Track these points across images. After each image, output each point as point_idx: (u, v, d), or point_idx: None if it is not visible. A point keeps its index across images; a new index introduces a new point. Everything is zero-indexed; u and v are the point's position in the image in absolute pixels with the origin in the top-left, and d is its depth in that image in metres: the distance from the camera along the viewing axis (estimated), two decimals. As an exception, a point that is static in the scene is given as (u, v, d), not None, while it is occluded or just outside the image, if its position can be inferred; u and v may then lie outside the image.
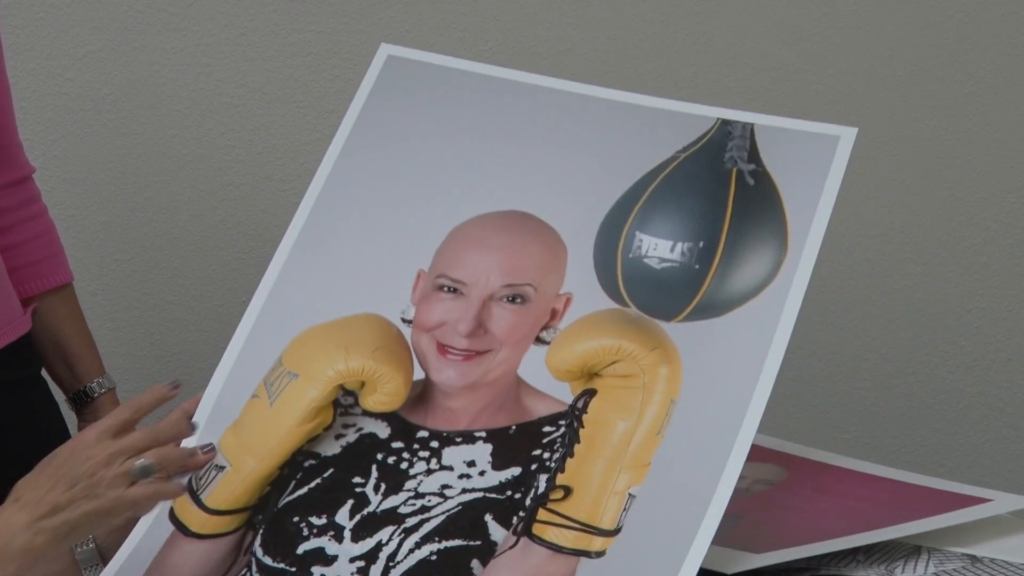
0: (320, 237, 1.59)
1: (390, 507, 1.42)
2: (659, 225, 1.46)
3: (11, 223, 1.86)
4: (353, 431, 1.48)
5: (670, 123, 1.51)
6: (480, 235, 1.51)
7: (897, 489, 1.61)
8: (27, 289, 1.86)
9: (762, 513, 1.57)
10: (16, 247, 1.86)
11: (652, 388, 1.39)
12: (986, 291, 2.66)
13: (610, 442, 1.39)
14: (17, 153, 1.86)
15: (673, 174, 1.48)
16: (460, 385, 1.46)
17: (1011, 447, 2.71)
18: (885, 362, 2.67)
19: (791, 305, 1.40)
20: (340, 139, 1.62)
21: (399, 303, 1.51)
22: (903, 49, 2.54)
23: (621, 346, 1.41)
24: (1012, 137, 2.60)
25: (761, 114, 1.47)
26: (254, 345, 1.55)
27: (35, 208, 1.89)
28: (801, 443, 1.74)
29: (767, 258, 1.42)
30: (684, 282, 1.43)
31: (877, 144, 2.58)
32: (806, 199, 1.43)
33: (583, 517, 1.36)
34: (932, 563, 1.49)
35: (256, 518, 1.46)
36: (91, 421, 1.91)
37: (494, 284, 1.47)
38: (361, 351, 1.48)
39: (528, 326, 1.46)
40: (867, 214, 2.61)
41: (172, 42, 2.42)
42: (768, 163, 1.46)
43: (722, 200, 1.45)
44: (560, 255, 1.49)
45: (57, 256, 1.91)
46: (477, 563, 1.37)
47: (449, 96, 1.61)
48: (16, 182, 1.86)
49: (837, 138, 1.45)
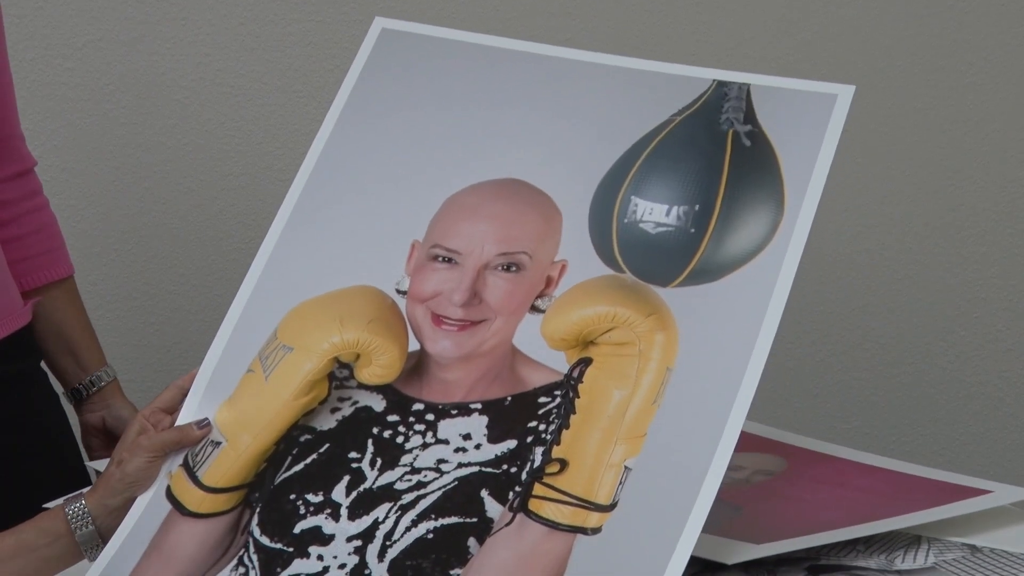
0: (315, 210, 1.58)
1: (386, 483, 1.42)
2: (654, 189, 1.45)
3: (13, 216, 1.86)
4: (349, 404, 1.48)
5: (665, 86, 1.51)
6: (474, 204, 1.51)
7: (897, 480, 1.61)
8: (29, 282, 1.87)
9: (762, 504, 1.56)
10: (18, 240, 1.86)
11: (648, 356, 1.38)
12: (986, 281, 2.65)
13: (606, 412, 1.38)
14: (19, 146, 1.87)
15: (668, 137, 1.47)
16: (455, 356, 1.46)
17: (1011, 437, 2.71)
18: (885, 353, 2.66)
19: (788, 268, 1.38)
20: (335, 112, 1.62)
21: (394, 274, 1.51)
22: (904, 14, 2.54)
23: (616, 313, 1.40)
24: (1012, 126, 2.60)
25: (757, 74, 1.46)
26: (249, 319, 1.54)
27: (37, 201, 1.90)
28: (801, 434, 1.74)
29: (763, 220, 1.41)
30: (680, 246, 1.42)
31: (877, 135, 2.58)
32: (803, 159, 1.42)
33: (579, 491, 1.35)
34: (932, 553, 1.49)
35: (253, 496, 1.46)
36: (95, 412, 1.91)
37: (488, 253, 1.46)
38: (356, 323, 1.47)
39: (523, 295, 1.45)
40: (866, 204, 2.61)
41: (172, 32, 2.42)
42: (765, 124, 1.45)
43: (718, 163, 1.44)
44: (555, 222, 1.48)
45: (58, 249, 1.92)
46: (474, 541, 1.36)
47: (441, 66, 1.61)
48: (18, 175, 1.87)
49: (834, 96, 1.44)
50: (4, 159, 1.84)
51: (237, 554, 1.44)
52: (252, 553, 1.42)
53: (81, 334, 1.92)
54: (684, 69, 1.50)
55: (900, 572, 1.47)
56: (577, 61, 1.56)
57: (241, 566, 1.42)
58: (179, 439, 1.48)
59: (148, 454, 1.47)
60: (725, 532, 1.45)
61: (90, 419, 1.92)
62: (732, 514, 1.53)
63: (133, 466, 1.47)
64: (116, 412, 1.91)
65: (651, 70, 1.52)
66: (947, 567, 1.47)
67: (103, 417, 1.90)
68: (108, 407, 1.91)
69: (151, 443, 1.48)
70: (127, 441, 1.49)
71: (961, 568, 1.47)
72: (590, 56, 1.56)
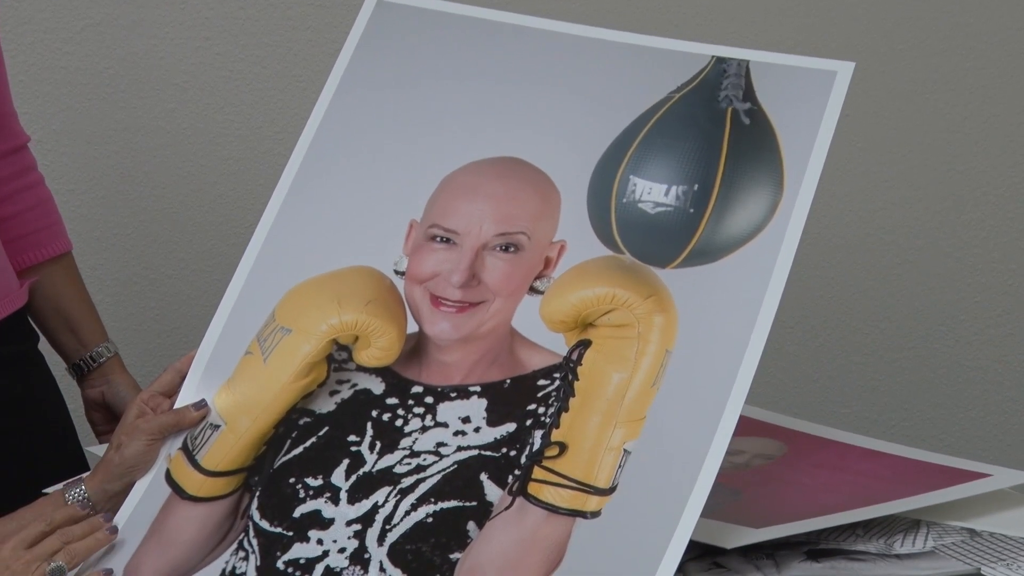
0: (311, 190, 1.57)
1: (385, 467, 1.41)
2: (653, 168, 1.44)
3: (8, 193, 1.85)
4: (347, 387, 1.47)
5: (663, 62, 1.49)
6: (472, 183, 1.50)
7: (897, 464, 1.61)
8: (27, 259, 1.86)
9: (761, 488, 1.56)
10: (14, 217, 1.85)
11: (647, 338, 1.38)
12: (986, 265, 2.65)
13: (605, 395, 1.37)
14: (12, 123, 1.86)
15: (667, 116, 1.46)
16: (454, 338, 1.45)
17: (1011, 421, 2.70)
18: (885, 337, 2.66)
19: (787, 248, 1.37)
20: (330, 88, 1.61)
21: (391, 255, 1.50)
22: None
23: (615, 294, 1.39)
24: (1013, 111, 2.60)
25: (757, 50, 1.45)
26: (247, 301, 1.54)
27: (32, 177, 1.89)
28: (801, 418, 1.74)
29: (763, 200, 1.40)
30: (679, 227, 1.41)
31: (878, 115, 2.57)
32: (803, 137, 1.41)
33: (579, 475, 1.35)
34: (931, 537, 1.49)
35: (252, 480, 1.45)
36: (95, 387, 1.91)
37: (487, 233, 1.45)
38: (354, 304, 1.47)
39: (522, 276, 1.45)
40: (867, 190, 2.60)
41: (171, 15, 2.42)
42: (764, 101, 1.44)
43: (717, 141, 1.43)
44: (553, 202, 1.47)
45: (55, 225, 1.90)
46: (473, 525, 1.36)
47: (438, 40, 1.60)
48: (11, 151, 1.85)
49: (834, 73, 1.43)
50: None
51: (237, 538, 1.44)
52: (252, 537, 1.42)
53: (80, 310, 1.92)
54: (683, 45, 1.49)
55: (899, 556, 1.47)
56: (575, 36, 1.55)
57: (241, 550, 1.42)
58: (177, 421, 1.48)
59: (147, 437, 1.47)
60: (724, 516, 1.45)
61: (91, 394, 1.91)
62: (731, 498, 1.52)
63: (132, 450, 1.47)
64: (115, 388, 1.90)
65: (650, 46, 1.51)
66: (946, 551, 1.47)
67: (102, 392, 1.90)
68: (108, 383, 1.91)
69: (149, 426, 1.48)
70: (125, 425, 1.49)
71: (960, 552, 1.46)
72: (588, 31, 1.54)
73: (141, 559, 1.44)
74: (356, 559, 1.37)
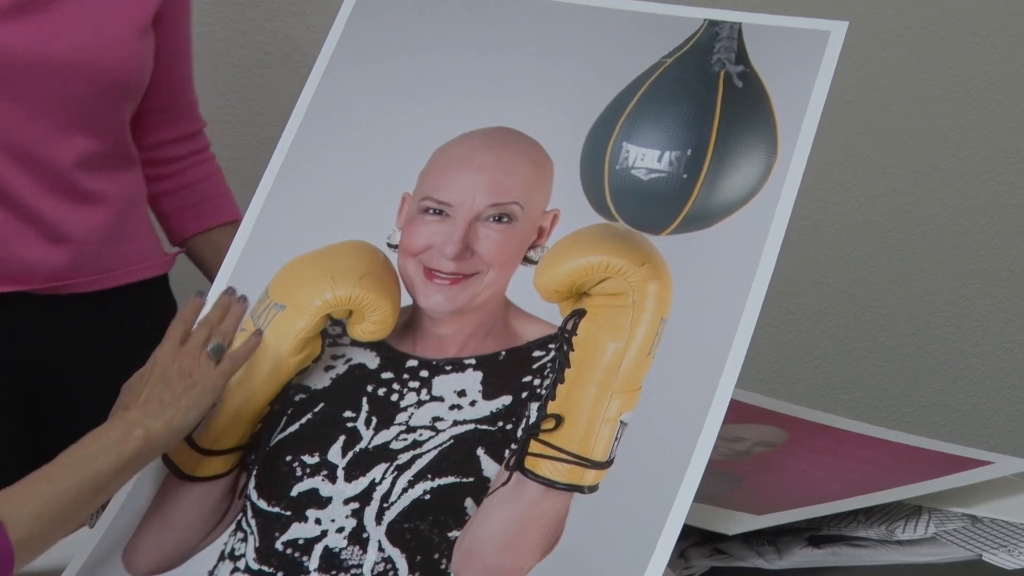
0: (303, 165, 1.57)
1: (382, 443, 1.40)
2: (646, 134, 1.43)
3: (181, 169, 1.97)
4: (342, 362, 1.47)
5: (655, 27, 1.48)
6: (464, 155, 1.49)
7: (898, 451, 1.61)
8: (198, 224, 1.97)
9: (763, 475, 1.56)
10: (188, 188, 1.97)
11: (642, 306, 1.37)
12: (987, 252, 2.64)
13: (601, 365, 1.36)
14: (193, 110, 1.97)
15: (659, 81, 1.45)
16: (448, 310, 1.44)
17: (1012, 408, 2.70)
18: (886, 324, 2.66)
19: (782, 212, 1.36)
20: (321, 63, 1.60)
21: (385, 228, 1.49)
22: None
23: (609, 263, 1.38)
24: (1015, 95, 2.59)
25: (749, 12, 1.44)
26: (240, 278, 1.53)
27: (205, 155, 2.00)
28: (802, 405, 1.73)
29: (757, 163, 1.39)
30: (672, 192, 1.40)
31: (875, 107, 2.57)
32: (796, 99, 1.40)
33: (575, 448, 1.34)
34: (933, 523, 1.49)
35: (249, 458, 1.45)
36: None
37: (480, 204, 1.44)
38: (348, 279, 1.46)
39: (515, 246, 1.44)
40: (868, 176, 2.60)
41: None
42: (757, 64, 1.43)
43: (710, 105, 1.42)
44: (546, 171, 1.46)
45: (225, 195, 2.01)
46: (471, 502, 1.35)
47: (428, 12, 1.59)
48: (189, 136, 1.97)
49: (827, 34, 1.42)
50: (180, 121, 1.94)
51: (235, 519, 1.43)
52: (250, 518, 1.41)
53: None
54: (675, 9, 1.48)
55: (901, 542, 1.47)
56: (565, 3, 1.54)
57: (240, 531, 1.42)
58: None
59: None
60: (726, 503, 1.45)
61: None
62: (733, 485, 1.53)
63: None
64: None
65: (641, 11, 1.50)
66: (948, 537, 1.47)
67: None
68: None
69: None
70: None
71: (962, 538, 1.47)
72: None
73: (141, 540, 1.44)
74: (354, 539, 1.36)
